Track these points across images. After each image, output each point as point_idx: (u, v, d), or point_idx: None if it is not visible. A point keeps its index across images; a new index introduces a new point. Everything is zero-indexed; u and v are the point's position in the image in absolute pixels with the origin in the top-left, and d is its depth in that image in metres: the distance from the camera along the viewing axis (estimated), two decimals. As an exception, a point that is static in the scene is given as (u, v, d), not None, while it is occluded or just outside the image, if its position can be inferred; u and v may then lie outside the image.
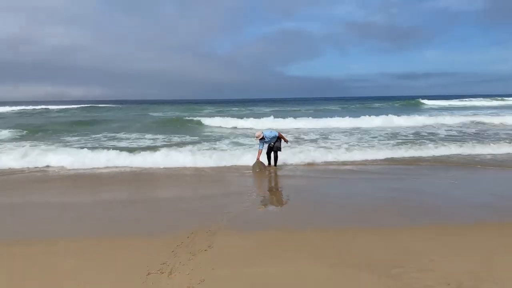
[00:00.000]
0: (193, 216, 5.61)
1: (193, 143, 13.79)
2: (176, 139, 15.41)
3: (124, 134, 17.51)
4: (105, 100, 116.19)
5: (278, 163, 9.69)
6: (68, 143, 14.17)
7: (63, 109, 47.93)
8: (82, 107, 50.97)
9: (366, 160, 10.39)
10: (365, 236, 4.66)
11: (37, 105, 60.31)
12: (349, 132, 17.68)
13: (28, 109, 47.28)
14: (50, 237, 4.87)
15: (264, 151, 9.57)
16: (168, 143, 14.15)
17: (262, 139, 9.33)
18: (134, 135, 17.00)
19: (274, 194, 7.48)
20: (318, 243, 4.44)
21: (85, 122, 23.84)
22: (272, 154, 9.64)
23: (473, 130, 17.55)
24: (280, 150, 9.60)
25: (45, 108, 48.70)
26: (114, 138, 16.04)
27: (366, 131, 17.75)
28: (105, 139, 15.80)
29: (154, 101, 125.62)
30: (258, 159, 9.27)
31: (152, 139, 15.64)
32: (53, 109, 47.24)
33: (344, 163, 10.22)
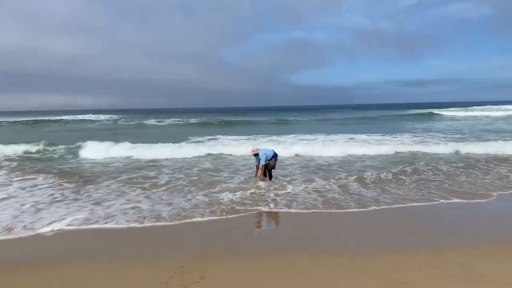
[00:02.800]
0: (189, 242, 5.58)
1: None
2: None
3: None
4: (104, 110, 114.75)
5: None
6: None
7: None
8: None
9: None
10: (363, 263, 4.60)
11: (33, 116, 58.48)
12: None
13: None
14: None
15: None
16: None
17: (257, 155, 9.41)
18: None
19: (271, 217, 7.20)
20: (312, 271, 4.40)
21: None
22: (267, 172, 9.63)
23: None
24: (274, 168, 9.69)
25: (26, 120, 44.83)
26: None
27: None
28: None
29: (160, 110, 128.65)
30: (257, 175, 9.58)
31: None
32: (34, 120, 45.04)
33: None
